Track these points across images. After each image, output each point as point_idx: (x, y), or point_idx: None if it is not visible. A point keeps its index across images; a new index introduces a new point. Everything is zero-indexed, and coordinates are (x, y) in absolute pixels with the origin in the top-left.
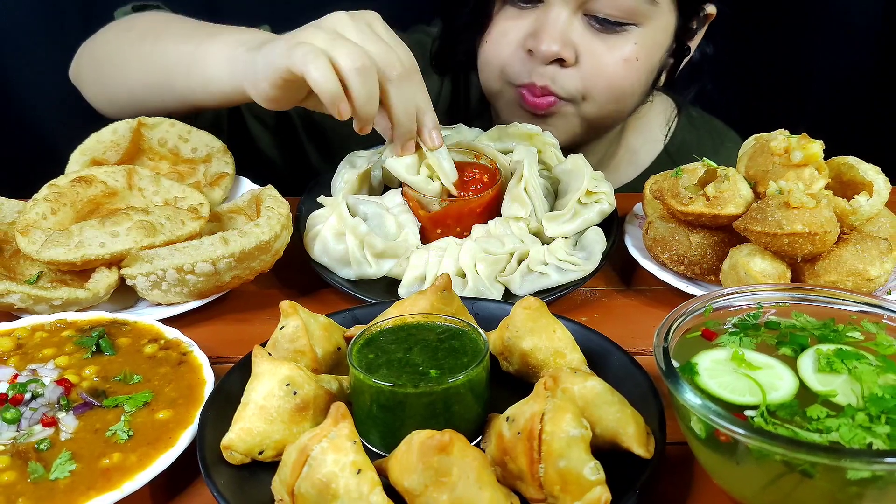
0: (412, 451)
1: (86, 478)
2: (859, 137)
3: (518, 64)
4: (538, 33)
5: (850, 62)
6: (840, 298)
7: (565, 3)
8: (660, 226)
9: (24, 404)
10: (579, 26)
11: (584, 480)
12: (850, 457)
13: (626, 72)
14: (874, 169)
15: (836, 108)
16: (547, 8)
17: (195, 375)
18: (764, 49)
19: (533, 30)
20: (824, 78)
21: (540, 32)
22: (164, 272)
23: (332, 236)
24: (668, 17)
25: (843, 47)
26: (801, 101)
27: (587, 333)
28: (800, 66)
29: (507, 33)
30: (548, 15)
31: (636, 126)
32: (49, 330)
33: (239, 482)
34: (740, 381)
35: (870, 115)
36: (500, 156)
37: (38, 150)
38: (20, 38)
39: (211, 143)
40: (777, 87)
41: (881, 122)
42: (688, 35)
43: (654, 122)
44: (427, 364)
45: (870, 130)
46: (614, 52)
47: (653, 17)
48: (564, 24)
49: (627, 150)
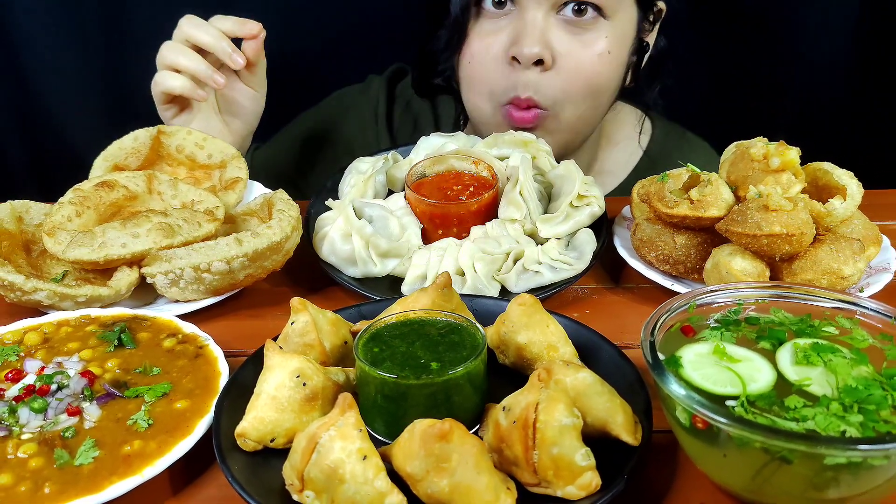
0: (414, 438)
1: (108, 464)
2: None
3: (503, 78)
4: (519, 39)
5: (825, 72)
6: (816, 296)
7: (539, 5)
8: (647, 227)
9: (50, 395)
10: (554, 26)
11: (576, 466)
12: (825, 444)
13: (601, 66)
14: (848, 174)
15: (812, 117)
16: (522, 13)
17: (211, 368)
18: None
19: (513, 37)
20: (801, 86)
21: (520, 37)
22: (182, 271)
23: (340, 237)
24: (631, 9)
25: (819, 58)
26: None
27: (578, 328)
28: (777, 75)
29: (490, 48)
30: (524, 19)
31: (612, 135)
32: (74, 325)
33: (252, 468)
34: (722, 373)
35: (844, 123)
36: (497, 162)
37: (63, 157)
38: (47, 51)
39: (225, 150)
40: (755, 96)
41: (855, 130)
42: (644, 31)
43: (629, 134)
44: (428, 357)
45: (844, 138)
46: (588, 48)
47: (619, 8)
48: (542, 24)
49: (607, 159)
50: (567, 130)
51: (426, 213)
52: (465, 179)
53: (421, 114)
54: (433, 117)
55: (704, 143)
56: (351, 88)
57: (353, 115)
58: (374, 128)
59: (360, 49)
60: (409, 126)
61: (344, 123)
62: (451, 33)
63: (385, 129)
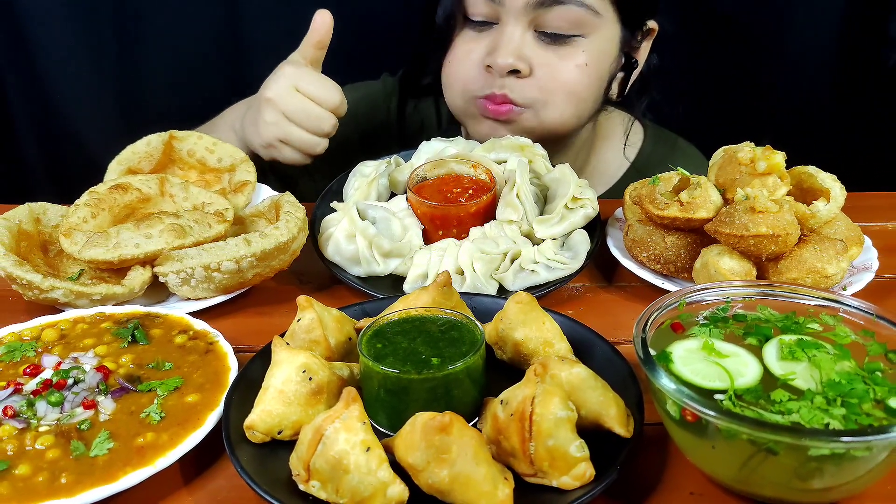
0: (416, 430)
1: (122, 455)
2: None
3: (478, 80)
4: (495, 50)
5: (810, 80)
6: (801, 294)
7: (517, 22)
8: (638, 228)
9: (66, 389)
10: (531, 41)
11: (571, 457)
12: (809, 436)
13: (579, 76)
14: (831, 177)
15: (797, 123)
16: (502, 27)
17: (221, 363)
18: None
19: (490, 48)
20: (786, 94)
21: (496, 49)
22: (193, 270)
23: (344, 238)
24: (612, 27)
25: (804, 66)
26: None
27: (573, 325)
28: (763, 83)
29: (469, 53)
30: (503, 33)
31: (602, 142)
32: (90, 322)
33: (260, 459)
34: (710, 368)
35: (828, 129)
36: (495, 165)
37: (79, 160)
38: (63, 60)
39: (234, 155)
40: (743, 103)
41: (838, 135)
42: (633, 48)
43: (619, 137)
44: (429, 353)
45: (828, 143)
46: (566, 60)
47: (598, 27)
48: (518, 40)
49: (598, 163)
50: (548, 131)
51: (427, 214)
52: (465, 182)
53: (427, 114)
54: (437, 118)
55: (694, 149)
56: (369, 82)
57: (367, 103)
58: (387, 118)
59: (362, 51)
60: (417, 124)
61: (360, 106)
62: (437, 39)
63: (396, 123)
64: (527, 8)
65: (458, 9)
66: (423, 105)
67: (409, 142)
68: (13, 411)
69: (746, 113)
